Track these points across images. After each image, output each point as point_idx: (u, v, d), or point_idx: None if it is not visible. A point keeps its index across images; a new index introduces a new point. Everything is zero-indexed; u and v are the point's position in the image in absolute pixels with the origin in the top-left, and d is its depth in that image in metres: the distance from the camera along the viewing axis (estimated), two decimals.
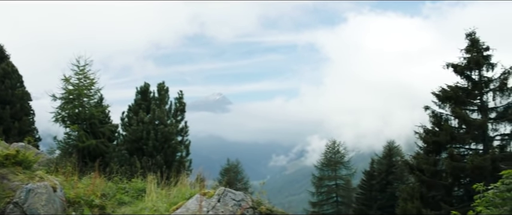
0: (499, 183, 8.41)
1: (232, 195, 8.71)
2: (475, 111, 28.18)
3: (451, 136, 27.04)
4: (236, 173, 55.01)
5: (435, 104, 28.42)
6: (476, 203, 8.51)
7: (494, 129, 27.73)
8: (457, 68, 28.25)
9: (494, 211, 7.91)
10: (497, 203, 8.16)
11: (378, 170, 49.18)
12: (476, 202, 8.49)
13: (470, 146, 28.25)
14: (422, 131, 28.63)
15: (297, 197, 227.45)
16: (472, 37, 28.34)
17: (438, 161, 27.73)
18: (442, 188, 27.11)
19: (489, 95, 27.86)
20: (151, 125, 23.60)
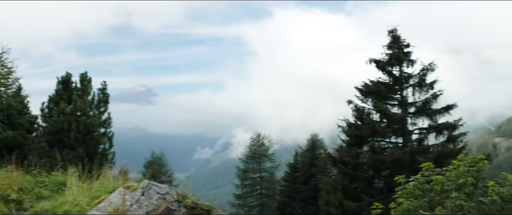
0: (419, 175, 8.68)
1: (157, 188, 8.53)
2: (395, 105, 29.08)
3: (373, 130, 27.78)
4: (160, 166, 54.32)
5: (358, 99, 29.11)
6: (397, 195, 8.74)
7: (413, 123, 28.73)
8: (379, 64, 29.03)
9: (414, 202, 8.15)
10: (417, 195, 8.41)
11: (302, 163, 49.91)
12: (398, 194, 8.73)
13: (391, 140, 29.17)
14: (345, 125, 29.25)
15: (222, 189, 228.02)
16: (393, 34, 29.20)
17: (360, 154, 28.46)
18: (363, 180, 27.84)
19: (409, 91, 28.84)
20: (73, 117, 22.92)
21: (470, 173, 8.01)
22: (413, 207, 8.07)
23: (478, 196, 7.83)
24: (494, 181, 7.91)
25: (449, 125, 28.14)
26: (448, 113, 28.73)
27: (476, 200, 7.75)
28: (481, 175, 8.08)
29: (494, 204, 7.58)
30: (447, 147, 27.14)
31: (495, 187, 7.76)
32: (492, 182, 7.90)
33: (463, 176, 8.03)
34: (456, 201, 7.62)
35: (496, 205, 7.59)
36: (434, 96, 28.95)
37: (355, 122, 29.15)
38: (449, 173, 8.34)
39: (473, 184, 7.92)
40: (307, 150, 50.78)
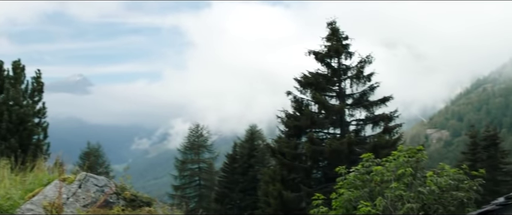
0: (360, 166, 8.78)
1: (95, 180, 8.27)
2: (333, 97, 29.44)
3: (311, 121, 28.03)
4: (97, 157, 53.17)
5: (297, 90, 29.28)
6: (338, 185, 8.81)
7: (351, 114, 29.21)
8: (318, 56, 29.29)
9: (355, 192, 8.23)
10: (357, 185, 8.50)
11: (240, 154, 50.00)
12: (339, 184, 8.80)
13: (329, 131, 29.52)
14: (284, 116, 29.39)
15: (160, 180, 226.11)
16: (332, 26, 29.50)
17: (298, 145, 28.68)
18: (302, 170, 28.09)
19: (347, 82, 29.25)
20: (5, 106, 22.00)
21: (409, 164, 8.15)
22: (354, 197, 8.16)
23: (417, 186, 7.98)
24: (432, 171, 8.09)
25: (386, 117, 28.74)
26: (384, 105, 29.33)
27: (415, 190, 7.89)
28: (420, 166, 8.24)
29: (432, 194, 7.75)
30: (383, 138, 27.69)
31: (433, 177, 7.93)
32: (430, 172, 8.08)
33: (402, 167, 8.16)
34: (396, 191, 7.74)
35: (434, 194, 7.75)
36: (372, 88, 29.49)
37: (294, 113, 29.34)
38: (389, 164, 8.47)
39: (412, 174, 8.07)
40: (246, 141, 50.90)
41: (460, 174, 8.20)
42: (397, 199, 7.64)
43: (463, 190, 7.99)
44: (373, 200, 8.01)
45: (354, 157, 27.29)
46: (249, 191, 45.69)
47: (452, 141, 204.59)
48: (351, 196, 8.15)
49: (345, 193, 8.27)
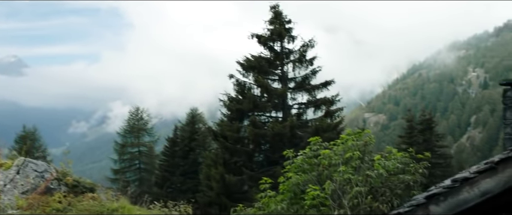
0: (307, 149, 8.72)
1: (34, 166, 7.87)
2: (276, 80, 29.49)
3: (254, 104, 27.99)
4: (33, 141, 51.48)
5: (239, 73, 29.15)
6: (286, 169, 8.73)
7: (293, 98, 29.36)
8: (261, 39, 29.21)
9: (303, 176, 8.17)
10: (305, 169, 8.44)
11: (181, 137, 49.50)
12: (287, 168, 8.72)
13: (271, 114, 29.58)
14: (226, 99, 29.24)
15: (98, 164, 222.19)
16: (275, 10, 29.45)
17: (241, 128, 28.61)
18: (244, 154, 28.06)
19: (289, 66, 29.33)
20: None
21: (357, 147, 8.15)
22: (303, 181, 8.09)
23: (365, 169, 7.99)
24: (379, 155, 8.12)
25: (327, 101, 29.05)
26: (326, 89, 29.63)
27: (363, 173, 7.90)
28: (367, 149, 8.25)
29: (380, 177, 7.77)
30: (325, 121, 28.00)
31: (381, 160, 7.95)
32: (378, 156, 8.10)
33: (350, 150, 8.15)
34: (344, 175, 7.73)
35: (381, 178, 7.78)
36: (314, 72, 29.70)
37: (236, 96, 29.23)
38: (337, 148, 8.45)
39: (360, 158, 8.07)
40: (187, 124, 50.43)
41: (406, 157, 8.27)
42: (345, 182, 7.62)
43: (409, 173, 8.05)
44: (322, 184, 7.97)
45: (296, 140, 27.53)
46: (190, 174, 45.37)
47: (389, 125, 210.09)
48: (299, 180, 8.08)
49: (293, 176, 8.20)
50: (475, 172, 6.50)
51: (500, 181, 6.37)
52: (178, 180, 46.33)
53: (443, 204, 6.59)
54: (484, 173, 6.45)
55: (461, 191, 6.52)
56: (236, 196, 27.04)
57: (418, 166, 8.29)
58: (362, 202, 7.44)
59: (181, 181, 46.13)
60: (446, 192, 6.60)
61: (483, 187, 6.43)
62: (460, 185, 6.53)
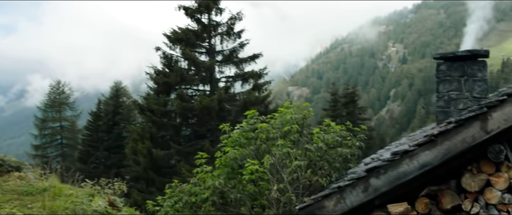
0: (245, 123, 8.53)
1: None
2: (203, 53, 29.09)
3: (181, 77, 27.55)
4: None
5: (166, 46, 28.57)
6: (223, 144, 8.52)
7: (221, 71, 29.11)
8: (188, 11, 28.68)
9: (241, 150, 7.99)
10: (242, 143, 8.26)
11: (105, 111, 48.29)
12: (224, 142, 8.50)
13: (199, 87, 29.25)
14: (152, 72, 28.62)
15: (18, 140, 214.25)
16: None
17: (168, 102, 28.12)
18: (171, 128, 27.66)
19: (217, 39, 29.00)
20: None
21: (295, 121, 8.04)
22: (240, 155, 7.91)
23: (303, 143, 7.90)
24: (318, 128, 8.04)
25: (255, 74, 28.99)
26: (253, 62, 29.56)
27: (302, 147, 7.81)
28: (306, 123, 8.16)
29: (319, 151, 7.70)
30: (253, 95, 27.98)
31: (320, 134, 7.88)
32: (317, 129, 8.02)
33: (288, 124, 8.03)
34: (283, 149, 7.60)
35: (321, 151, 7.71)
36: (241, 45, 29.54)
37: (163, 69, 28.68)
38: (274, 121, 8.31)
39: (298, 131, 7.96)
40: (111, 98, 49.23)
41: (344, 131, 8.24)
42: (284, 156, 7.50)
43: (346, 146, 8.03)
44: (260, 158, 7.82)
45: (224, 114, 27.38)
46: (114, 149, 44.43)
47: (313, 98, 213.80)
48: (236, 154, 7.89)
49: (231, 151, 8.00)
50: (415, 145, 6.53)
51: (439, 153, 6.43)
52: (103, 155, 45.29)
53: (383, 177, 6.60)
54: (424, 146, 6.49)
55: (401, 164, 6.55)
56: (164, 170, 26.71)
57: (355, 139, 8.29)
58: (301, 175, 7.36)
59: (106, 156, 45.13)
60: (386, 165, 6.60)
61: (422, 160, 6.48)
62: (400, 158, 6.55)
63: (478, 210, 6.58)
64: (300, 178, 7.33)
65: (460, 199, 6.69)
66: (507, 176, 6.52)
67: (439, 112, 9.02)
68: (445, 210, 6.73)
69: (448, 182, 6.84)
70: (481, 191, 6.60)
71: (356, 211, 6.81)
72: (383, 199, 6.77)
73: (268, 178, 7.56)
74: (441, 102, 8.94)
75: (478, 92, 8.67)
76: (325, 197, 6.76)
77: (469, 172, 6.66)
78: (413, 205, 6.80)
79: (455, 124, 6.35)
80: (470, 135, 6.34)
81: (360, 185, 6.66)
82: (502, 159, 6.45)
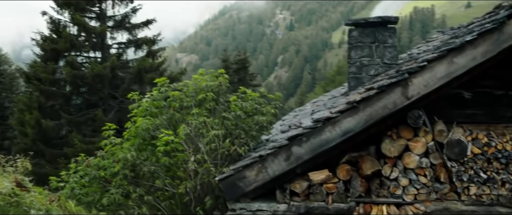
0: (155, 91, 8.06)
1: None
2: (94, 18, 27.69)
3: (70, 44, 26.07)
4: None
5: (53, 10, 26.87)
6: (133, 114, 8.02)
7: (112, 37, 27.88)
8: None
9: (153, 120, 7.55)
10: (154, 113, 7.82)
11: None
12: (134, 112, 8.00)
13: (89, 54, 27.89)
14: (39, 38, 26.89)
15: None
16: None
17: (57, 70, 26.58)
18: (61, 97, 26.23)
19: (108, 3, 27.66)
20: None
21: (210, 88, 7.70)
22: (153, 126, 7.47)
23: (220, 111, 7.59)
24: (235, 96, 7.75)
25: (149, 40, 28.06)
26: (146, 28, 28.58)
27: (219, 116, 7.50)
28: (222, 90, 7.85)
29: (238, 119, 7.43)
30: (147, 61, 27.12)
31: (237, 101, 7.60)
32: (234, 97, 7.73)
33: (202, 92, 7.68)
34: (199, 118, 7.26)
35: (239, 119, 7.46)
36: (134, 10, 28.42)
37: (50, 35, 27.01)
38: (187, 89, 7.92)
39: (214, 99, 7.64)
40: None
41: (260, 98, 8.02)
42: (201, 126, 7.16)
43: (262, 114, 7.82)
44: (175, 128, 7.44)
45: (117, 82, 26.37)
46: None
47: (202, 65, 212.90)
48: (148, 125, 7.44)
49: (141, 121, 7.53)
50: (337, 112, 6.45)
51: (361, 119, 6.41)
52: None
53: (305, 145, 6.49)
54: (346, 113, 6.43)
55: (324, 131, 6.46)
56: (54, 141, 25.39)
57: (270, 106, 8.11)
58: (220, 145, 7.07)
59: None
60: (308, 133, 6.49)
61: (345, 126, 6.43)
62: (322, 125, 6.46)
63: (397, 175, 6.67)
64: (218, 148, 7.05)
65: (380, 165, 6.75)
66: (425, 141, 6.64)
67: (351, 78, 9.06)
68: (365, 176, 6.76)
69: (368, 148, 6.87)
70: (400, 156, 6.69)
71: (278, 180, 6.67)
72: (305, 167, 6.69)
73: (183, 149, 7.21)
74: (353, 68, 8.98)
75: (389, 58, 8.78)
76: (246, 167, 6.55)
77: (389, 137, 6.72)
78: (335, 172, 6.77)
79: (378, 90, 6.33)
80: (391, 101, 6.36)
81: (282, 153, 6.52)
82: (420, 124, 6.54)
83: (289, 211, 6.62)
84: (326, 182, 6.69)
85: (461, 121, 6.94)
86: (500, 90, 6.98)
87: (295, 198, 6.70)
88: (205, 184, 7.04)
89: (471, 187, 6.54)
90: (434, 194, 6.66)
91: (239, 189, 6.58)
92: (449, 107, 6.96)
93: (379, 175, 6.76)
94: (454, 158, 6.53)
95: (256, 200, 6.73)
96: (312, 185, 6.69)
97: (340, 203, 6.64)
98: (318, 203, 6.67)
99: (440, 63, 6.27)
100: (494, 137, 6.69)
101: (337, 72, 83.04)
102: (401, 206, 6.68)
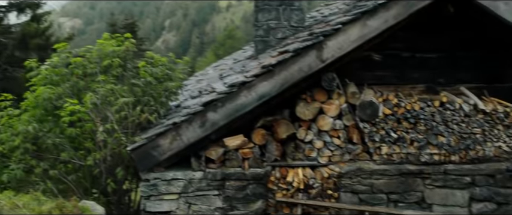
0: (55, 58, 7.51)
1: None
2: None
3: None
4: None
5: None
6: (32, 82, 7.44)
7: None
8: None
9: (55, 89, 7.05)
10: (55, 81, 7.30)
11: None
12: (33, 81, 7.42)
13: None
14: None
15: None
16: None
17: None
18: None
19: None
20: None
21: (117, 54, 7.30)
22: (55, 95, 6.98)
23: (129, 78, 7.22)
24: (144, 62, 7.40)
25: (33, 4, 26.35)
26: None
27: (128, 82, 7.14)
28: (129, 56, 7.46)
29: (148, 85, 7.11)
30: (32, 26, 25.49)
31: (147, 67, 7.26)
32: (142, 62, 7.37)
33: (107, 58, 7.26)
34: (106, 85, 6.86)
35: (150, 86, 7.14)
36: None
37: None
38: (91, 55, 7.46)
39: (121, 65, 7.24)
40: None
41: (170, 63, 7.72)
42: (109, 93, 6.77)
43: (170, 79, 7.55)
44: (80, 97, 6.99)
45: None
46: None
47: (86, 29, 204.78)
48: (50, 94, 6.93)
49: (42, 90, 7.00)
50: (253, 76, 6.35)
51: (277, 83, 6.36)
52: None
53: (221, 110, 6.35)
54: (261, 76, 6.35)
55: (239, 95, 6.35)
56: None
57: (179, 70, 7.85)
58: (130, 113, 6.73)
59: None
60: (223, 98, 6.35)
61: (260, 90, 6.36)
62: (237, 90, 6.33)
63: (311, 137, 6.71)
64: (128, 116, 6.71)
65: (294, 128, 6.75)
66: (338, 103, 6.71)
67: (258, 41, 8.97)
68: (280, 140, 6.75)
69: (282, 112, 6.85)
70: (314, 119, 6.72)
71: (193, 148, 6.50)
72: (220, 133, 6.56)
73: (89, 119, 6.82)
74: (260, 31, 8.88)
75: (296, 21, 8.76)
76: (159, 135, 6.30)
77: (303, 100, 6.73)
78: (250, 137, 6.69)
79: (293, 53, 6.29)
80: (306, 64, 6.35)
81: (197, 120, 6.33)
82: (334, 87, 6.59)
83: (205, 178, 6.48)
84: (242, 148, 6.60)
85: (371, 83, 7.10)
86: (407, 53, 7.21)
87: (211, 165, 6.56)
88: (116, 154, 6.70)
89: (382, 147, 6.71)
90: (348, 155, 6.78)
91: (153, 158, 6.33)
92: (359, 69, 7.09)
93: (294, 139, 6.77)
94: (367, 119, 6.66)
95: (171, 168, 6.53)
96: (227, 151, 6.57)
97: (256, 168, 6.59)
98: (234, 169, 6.57)
99: (354, 26, 6.32)
100: (402, 97, 6.89)
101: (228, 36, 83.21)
102: (317, 168, 6.74)
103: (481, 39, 7.24)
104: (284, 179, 6.59)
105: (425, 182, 6.75)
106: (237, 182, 6.54)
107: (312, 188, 6.59)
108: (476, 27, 7.17)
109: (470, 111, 6.78)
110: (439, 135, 6.71)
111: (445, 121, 6.75)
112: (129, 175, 7.14)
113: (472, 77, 7.26)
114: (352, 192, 6.70)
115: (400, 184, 6.72)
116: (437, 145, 6.70)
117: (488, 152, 6.78)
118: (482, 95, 7.08)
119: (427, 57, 7.22)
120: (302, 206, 6.58)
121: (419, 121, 6.72)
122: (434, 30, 7.16)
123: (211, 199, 6.52)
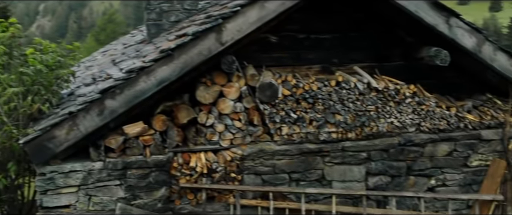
0: None
1: None
2: None
3: None
4: None
5: None
6: None
7: None
8: None
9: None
10: None
11: None
12: None
13: None
14: None
15: None
16: None
17: None
18: None
19: None
20: None
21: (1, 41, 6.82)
22: None
23: (17, 66, 6.77)
24: (33, 49, 6.96)
25: None
26: None
27: (15, 71, 6.69)
28: (15, 43, 6.99)
29: (38, 74, 6.71)
30: None
31: (36, 54, 6.83)
32: (31, 49, 6.93)
33: None
34: None
35: (40, 74, 6.74)
36: None
37: None
38: None
39: (6, 53, 6.78)
40: None
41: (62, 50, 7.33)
42: None
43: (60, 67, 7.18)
44: None
45: None
46: None
47: None
48: None
49: None
50: (151, 61, 6.19)
51: (176, 67, 6.24)
52: None
53: (119, 97, 6.13)
54: (160, 61, 6.21)
55: (138, 81, 6.16)
56: None
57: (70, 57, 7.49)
58: (20, 104, 6.33)
59: None
60: (122, 84, 6.13)
61: (160, 75, 6.21)
62: (136, 75, 6.15)
63: (212, 121, 6.67)
64: (18, 107, 6.31)
65: (195, 112, 6.68)
66: (238, 85, 6.71)
67: (151, 25, 8.80)
68: (181, 125, 6.65)
69: (182, 96, 6.75)
70: (214, 102, 6.68)
71: (91, 137, 6.23)
72: (119, 120, 6.35)
73: None
74: (153, 14, 8.72)
75: (189, 3, 8.66)
76: (55, 126, 5.98)
77: (203, 84, 6.67)
78: (150, 124, 6.54)
79: (192, 36, 6.19)
80: (206, 47, 6.27)
81: (94, 108, 6.07)
82: (234, 70, 6.57)
83: (106, 168, 6.25)
84: (142, 135, 6.43)
85: (269, 65, 7.17)
86: (302, 34, 7.33)
87: (111, 154, 6.34)
88: (7, 149, 6.28)
89: (283, 128, 6.81)
90: (249, 137, 6.81)
91: (48, 150, 6.00)
92: (257, 51, 7.12)
93: (195, 123, 6.70)
94: (266, 100, 6.71)
95: (69, 160, 6.23)
96: (127, 140, 6.37)
97: (158, 155, 6.45)
98: (135, 157, 6.39)
99: (253, 8, 6.31)
100: (300, 78, 7.02)
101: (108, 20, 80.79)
102: (219, 151, 6.72)
103: (372, 19, 7.51)
104: (187, 165, 6.51)
105: (324, 160, 6.95)
106: (138, 171, 6.37)
107: (215, 172, 6.56)
108: (368, 8, 7.42)
109: (364, 89, 7.03)
110: (336, 113, 6.90)
111: (341, 100, 6.95)
112: (21, 170, 6.73)
113: (364, 57, 7.52)
114: (255, 174, 6.76)
115: (301, 163, 6.86)
116: (334, 123, 6.89)
117: (382, 128, 7.07)
118: (374, 74, 7.36)
119: (321, 38, 7.38)
120: (206, 190, 6.55)
121: (317, 101, 6.88)
122: (328, 11, 7.32)
123: (112, 189, 6.32)
